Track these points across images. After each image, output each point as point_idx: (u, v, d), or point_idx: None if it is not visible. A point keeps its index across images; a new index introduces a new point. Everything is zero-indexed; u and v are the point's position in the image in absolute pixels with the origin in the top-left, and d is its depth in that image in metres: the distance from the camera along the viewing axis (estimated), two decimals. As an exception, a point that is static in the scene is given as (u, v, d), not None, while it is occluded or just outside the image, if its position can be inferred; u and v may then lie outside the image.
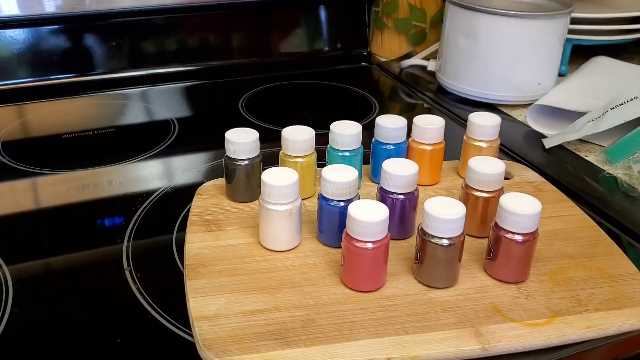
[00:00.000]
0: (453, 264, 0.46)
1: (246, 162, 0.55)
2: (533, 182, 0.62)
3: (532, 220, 0.45)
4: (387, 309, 0.44)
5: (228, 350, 0.40)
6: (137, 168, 0.66)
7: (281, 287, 0.46)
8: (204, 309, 0.43)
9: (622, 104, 0.67)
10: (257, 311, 0.43)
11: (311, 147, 0.55)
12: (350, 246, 0.44)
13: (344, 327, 0.42)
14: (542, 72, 0.81)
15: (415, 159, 0.55)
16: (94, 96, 0.86)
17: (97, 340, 0.43)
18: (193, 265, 0.48)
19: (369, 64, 1.02)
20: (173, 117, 0.79)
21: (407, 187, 0.49)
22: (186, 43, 0.92)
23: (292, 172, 0.49)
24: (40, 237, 0.54)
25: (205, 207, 0.56)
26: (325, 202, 0.49)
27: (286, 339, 0.41)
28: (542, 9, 0.81)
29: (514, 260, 0.46)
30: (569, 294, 0.46)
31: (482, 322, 0.43)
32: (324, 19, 1.00)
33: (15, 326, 0.43)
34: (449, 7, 0.83)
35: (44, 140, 0.75)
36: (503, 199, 0.45)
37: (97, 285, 0.48)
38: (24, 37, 0.83)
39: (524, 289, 0.46)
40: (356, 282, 0.45)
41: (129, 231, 0.54)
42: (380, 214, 0.43)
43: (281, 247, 0.50)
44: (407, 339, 0.41)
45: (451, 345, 0.41)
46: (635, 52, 1.02)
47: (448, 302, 0.45)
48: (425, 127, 0.58)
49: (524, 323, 0.43)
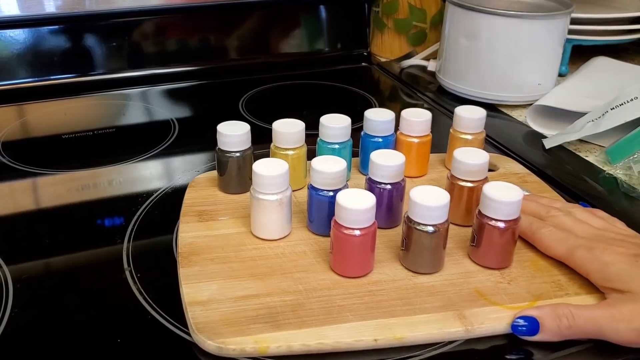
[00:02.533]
0: (438, 251, 0.47)
1: (238, 154, 0.56)
2: (518, 173, 0.63)
3: (514, 207, 0.46)
4: (374, 294, 0.45)
5: (220, 333, 0.41)
6: (137, 168, 0.66)
7: (272, 273, 0.47)
8: (197, 294, 0.44)
9: (622, 104, 0.67)
10: (249, 296, 0.45)
11: (301, 139, 0.57)
12: (339, 233, 0.45)
13: (333, 311, 0.43)
14: (542, 72, 0.81)
15: (403, 151, 0.56)
16: (94, 96, 0.86)
17: (97, 340, 0.43)
18: (186, 253, 0.49)
19: (369, 64, 1.02)
20: (173, 117, 0.79)
21: (394, 178, 0.51)
22: (186, 43, 0.92)
23: (282, 163, 0.50)
24: (40, 237, 0.54)
25: (198, 198, 0.57)
26: (315, 192, 0.50)
27: (276, 322, 0.42)
28: (542, 9, 0.81)
29: (497, 246, 0.47)
30: (550, 279, 0.47)
31: (466, 306, 0.44)
32: (324, 19, 1.00)
33: (15, 326, 0.43)
34: (449, 8, 0.83)
35: (44, 140, 0.75)
36: (486, 188, 0.47)
37: (97, 286, 0.48)
38: (24, 37, 0.83)
39: (507, 275, 0.48)
40: (344, 269, 0.47)
41: (129, 231, 0.54)
42: (367, 202, 0.45)
43: (272, 235, 0.51)
44: (393, 322, 0.43)
45: (435, 327, 0.42)
46: (635, 52, 1.02)
47: (433, 287, 0.46)
48: (412, 120, 0.59)
49: (506, 306, 0.44)
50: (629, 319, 0.41)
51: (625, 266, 0.43)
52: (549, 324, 0.42)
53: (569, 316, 0.42)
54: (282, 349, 0.41)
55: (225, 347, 0.40)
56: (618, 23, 0.91)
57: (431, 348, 0.42)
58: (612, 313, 0.41)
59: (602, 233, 0.48)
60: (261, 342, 0.41)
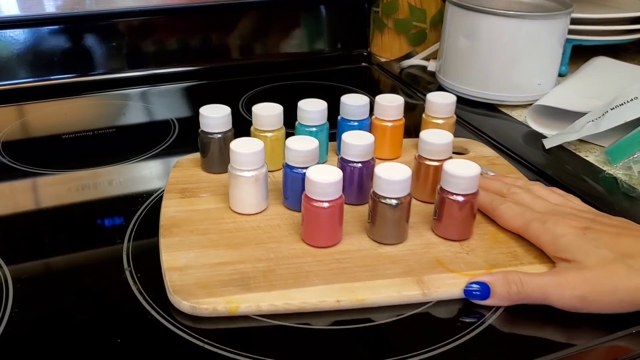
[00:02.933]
0: (401, 223, 0.50)
1: (219, 135, 0.60)
2: (487, 156, 0.67)
3: (472, 182, 0.49)
4: (341, 262, 0.49)
5: (195, 295, 0.44)
6: (137, 168, 0.66)
7: (246, 244, 0.51)
8: (175, 261, 0.48)
9: (622, 104, 0.67)
10: (223, 263, 0.48)
11: (280, 122, 0.60)
12: (309, 206, 0.49)
13: (301, 276, 0.47)
14: (542, 72, 0.81)
15: (378, 135, 0.61)
16: (94, 96, 0.86)
17: (97, 340, 0.43)
18: (167, 225, 0.53)
19: (369, 64, 1.02)
20: (173, 117, 0.79)
21: (364, 156, 0.54)
22: (186, 43, 0.92)
23: (258, 142, 0.53)
24: (40, 237, 0.54)
25: (182, 177, 0.60)
26: (290, 169, 0.53)
27: (248, 286, 0.46)
28: (542, 9, 0.81)
29: (457, 219, 0.50)
30: (507, 250, 0.51)
31: (425, 272, 0.48)
32: (324, 19, 1.00)
33: (15, 326, 0.43)
34: (449, 8, 0.83)
35: (44, 140, 0.75)
36: (446, 164, 0.50)
37: (97, 286, 0.48)
38: (24, 37, 0.83)
39: (466, 246, 0.51)
40: (314, 239, 0.50)
41: (129, 231, 0.54)
42: (334, 176, 0.48)
43: (249, 210, 0.54)
44: (356, 285, 0.46)
45: (395, 291, 0.46)
46: (635, 52, 1.02)
47: (396, 256, 0.50)
48: (386, 105, 0.62)
49: (463, 273, 0.48)
50: (572, 286, 0.43)
51: (574, 238, 0.46)
52: (499, 290, 0.45)
53: (518, 283, 0.45)
54: (251, 308, 0.44)
55: (199, 307, 0.44)
56: (618, 23, 0.91)
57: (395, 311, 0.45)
58: (558, 281, 0.44)
59: (557, 208, 0.51)
60: (232, 302, 0.44)
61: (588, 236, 0.46)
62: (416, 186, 0.57)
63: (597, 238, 0.45)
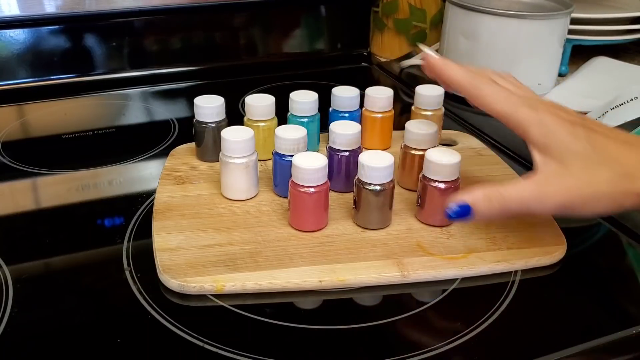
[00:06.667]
0: (384, 208, 0.52)
1: (213, 124, 0.62)
2: (475, 148, 0.68)
3: (453, 169, 0.51)
4: (325, 245, 0.51)
5: (183, 274, 0.46)
6: (137, 168, 0.66)
7: (235, 227, 0.53)
8: (166, 243, 0.50)
9: (622, 104, 0.67)
10: (212, 245, 0.50)
11: (272, 112, 0.62)
12: (295, 191, 0.51)
13: (285, 258, 0.49)
14: (542, 72, 0.81)
15: (368, 126, 0.64)
16: (94, 96, 0.86)
17: (97, 340, 0.43)
18: (160, 209, 0.55)
19: (369, 64, 1.02)
20: (173, 117, 0.79)
21: (351, 145, 0.56)
22: (186, 43, 0.92)
23: (248, 130, 0.55)
24: (40, 237, 0.54)
25: (177, 165, 0.63)
26: (279, 157, 0.55)
27: (234, 266, 0.48)
28: (542, 9, 0.81)
29: (439, 205, 0.51)
30: (487, 235, 0.52)
31: (406, 255, 0.49)
32: (324, 19, 1.00)
33: (15, 326, 0.43)
34: (449, 7, 0.83)
35: (44, 140, 0.75)
36: (428, 152, 0.52)
37: (97, 286, 0.48)
38: (24, 37, 0.83)
39: (447, 231, 0.53)
40: (300, 223, 0.52)
41: (129, 231, 0.54)
42: (320, 162, 0.50)
43: (239, 196, 0.56)
44: (338, 267, 0.48)
45: (375, 272, 0.48)
46: (635, 53, 1.02)
47: (379, 240, 0.51)
48: (375, 96, 0.64)
49: (442, 257, 0.49)
50: (554, 197, 0.43)
51: (563, 132, 0.43)
52: (481, 208, 0.44)
53: (499, 199, 0.44)
54: (236, 287, 0.46)
55: (187, 285, 0.46)
56: (618, 23, 0.91)
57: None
58: (539, 192, 0.43)
59: (541, 99, 0.48)
60: (219, 281, 0.46)
61: (577, 132, 0.43)
62: (402, 174, 0.59)
63: (586, 136, 0.43)
